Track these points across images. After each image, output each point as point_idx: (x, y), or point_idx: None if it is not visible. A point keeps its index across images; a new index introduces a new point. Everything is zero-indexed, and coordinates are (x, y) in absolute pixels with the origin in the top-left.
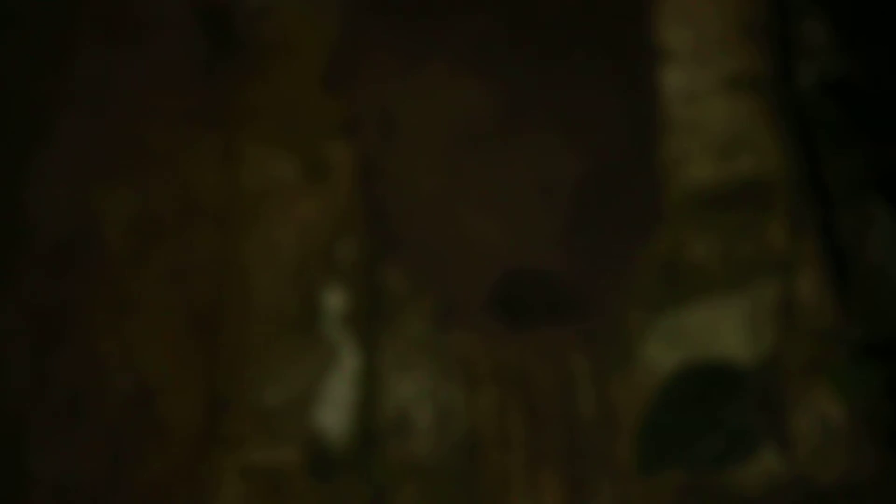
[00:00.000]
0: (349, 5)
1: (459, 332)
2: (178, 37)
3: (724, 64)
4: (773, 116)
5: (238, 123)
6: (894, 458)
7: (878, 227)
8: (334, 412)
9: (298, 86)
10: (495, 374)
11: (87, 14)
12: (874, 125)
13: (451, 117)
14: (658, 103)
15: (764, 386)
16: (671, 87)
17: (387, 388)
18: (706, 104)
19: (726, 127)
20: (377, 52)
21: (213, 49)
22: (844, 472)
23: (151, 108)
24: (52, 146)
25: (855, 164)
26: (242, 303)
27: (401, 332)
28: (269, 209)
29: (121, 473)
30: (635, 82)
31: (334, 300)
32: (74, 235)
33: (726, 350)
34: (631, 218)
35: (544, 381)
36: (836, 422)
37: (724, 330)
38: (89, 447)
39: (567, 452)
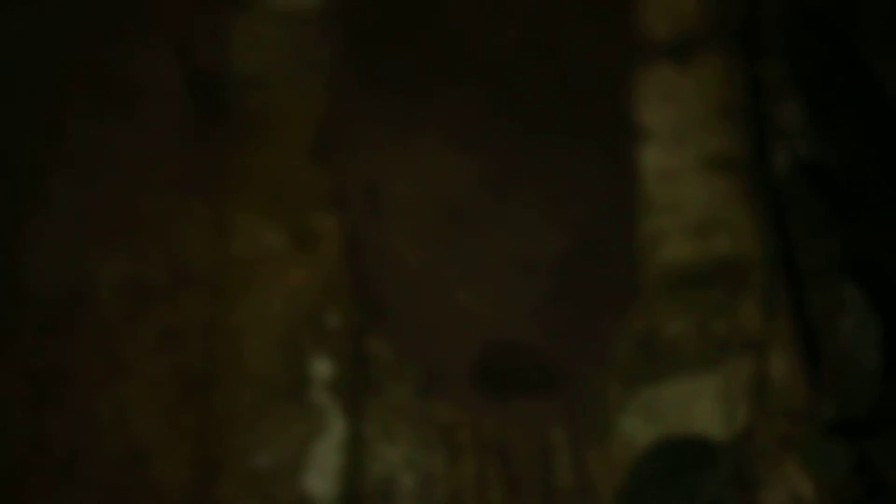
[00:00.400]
0: (338, 78)
1: (441, 402)
2: (168, 104)
3: (702, 144)
4: (749, 197)
5: (228, 192)
6: None
7: (849, 310)
8: (322, 477)
9: (287, 156)
10: (475, 444)
11: (78, 79)
12: (847, 209)
13: (436, 190)
14: (637, 181)
15: (737, 461)
16: (650, 166)
17: (372, 454)
18: (684, 183)
19: (703, 206)
20: (365, 124)
21: (204, 117)
22: None
23: (143, 174)
24: (45, 210)
25: (828, 246)
26: (233, 368)
27: (385, 400)
28: (259, 277)
29: None
30: (615, 159)
31: (322, 368)
32: (68, 298)
33: (700, 425)
34: (609, 293)
35: (523, 451)
36: (806, 498)
37: (698, 406)
38: None
39: None
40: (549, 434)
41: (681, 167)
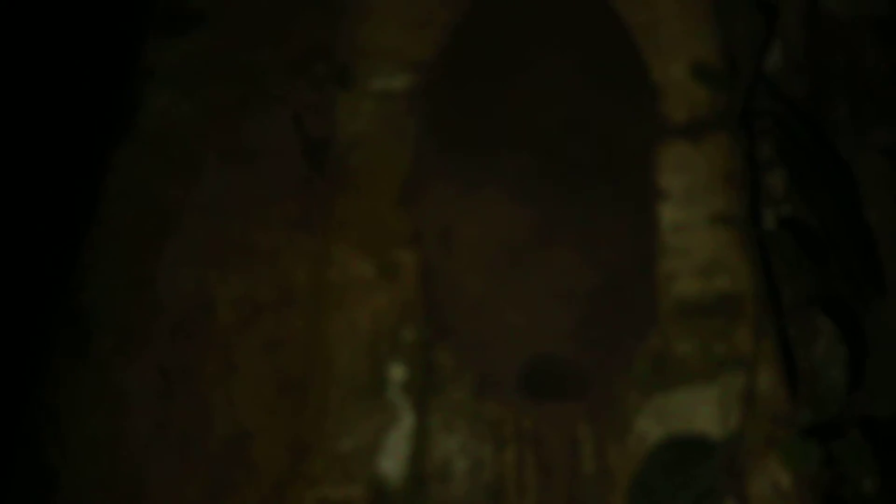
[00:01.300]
0: (420, 143)
1: (491, 402)
2: (284, 160)
3: (709, 203)
4: (744, 245)
5: (328, 230)
6: None
7: (822, 337)
8: (393, 460)
9: (376, 204)
10: (517, 436)
11: (213, 142)
12: (820, 256)
13: (495, 234)
14: (656, 231)
15: (729, 455)
16: (666, 220)
17: (434, 444)
18: (693, 234)
19: (708, 253)
20: (440, 180)
21: (312, 171)
22: None
23: (259, 214)
24: (179, 240)
25: (805, 285)
26: (325, 371)
27: (446, 399)
28: (349, 299)
29: (221, 500)
30: (640, 214)
31: (397, 372)
32: (193, 311)
33: (701, 426)
34: (632, 320)
35: (555, 443)
36: (784, 486)
37: (700, 411)
38: (197, 478)
39: (571, 502)
40: (577, 430)
41: (691, 221)
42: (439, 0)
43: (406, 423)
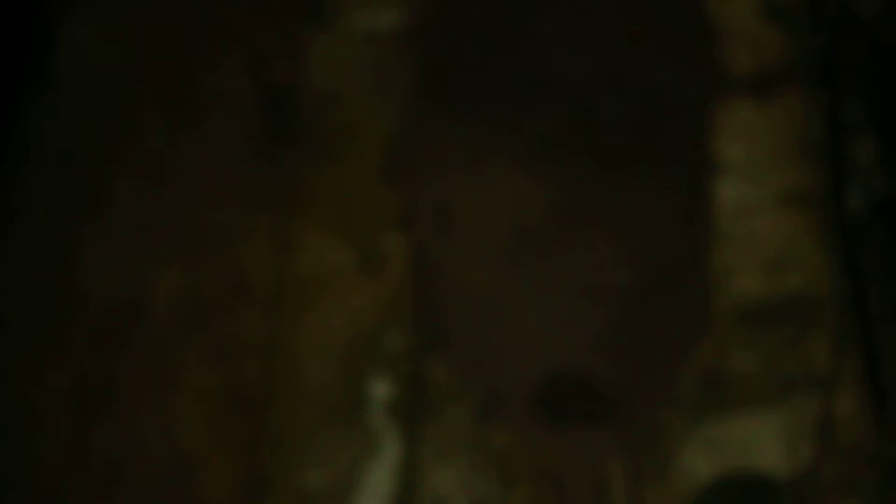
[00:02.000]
0: (412, 101)
1: (499, 428)
2: (239, 118)
3: (778, 180)
4: (823, 234)
5: (295, 208)
6: None
7: None
8: (373, 500)
9: (357, 175)
10: (531, 472)
11: (150, 91)
12: None
13: (506, 216)
14: (711, 215)
15: (800, 499)
16: (725, 200)
17: (425, 479)
18: (758, 218)
19: (776, 242)
20: (437, 147)
21: (275, 133)
22: None
23: (208, 187)
24: (106, 217)
25: None
26: (289, 386)
27: (442, 424)
28: (321, 295)
29: None
30: (690, 192)
31: (380, 389)
32: (122, 309)
33: (763, 462)
34: (677, 326)
35: (578, 483)
36: None
37: (762, 442)
38: None
39: None
40: (605, 466)
41: (756, 202)
42: None
43: (390, 453)
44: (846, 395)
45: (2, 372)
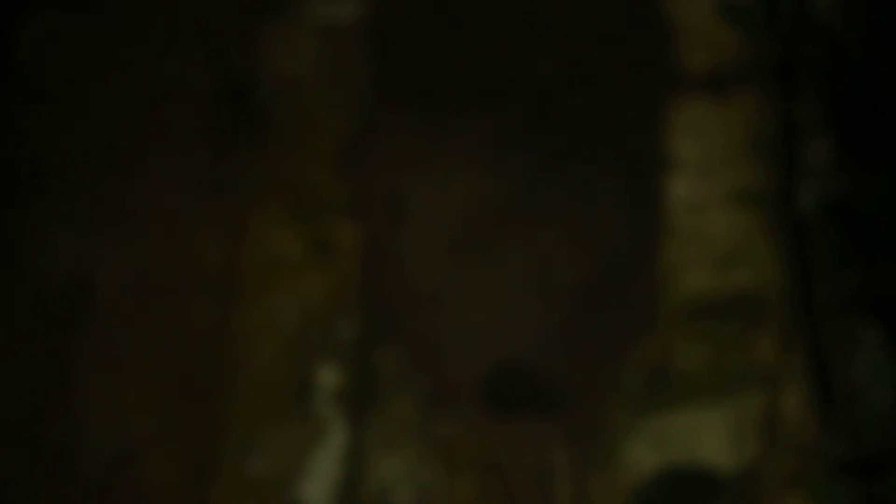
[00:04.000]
0: (371, 89)
1: (445, 418)
2: (195, 107)
3: (729, 177)
4: (773, 232)
5: (248, 196)
6: None
7: (865, 349)
8: (319, 486)
9: (310, 164)
10: (476, 462)
11: (103, 77)
12: (869, 249)
13: (459, 210)
14: (662, 211)
15: (742, 495)
16: (676, 196)
17: (371, 466)
18: (708, 215)
19: (726, 239)
20: (393, 139)
21: (231, 121)
22: None
23: (163, 173)
24: (53, 201)
25: (847, 285)
26: (238, 372)
27: (390, 413)
28: (272, 283)
29: None
30: (642, 189)
31: (328, 377)
32: (69, 293)
33: (707, 457)
34: (624, 321)
35: (523, 473)
36: None
37: (706, 437)
38: None
39: None
40: (551, 457)
41: (707, 199)
42: None
43: (337, 440)
44: (792, 391)
45: None
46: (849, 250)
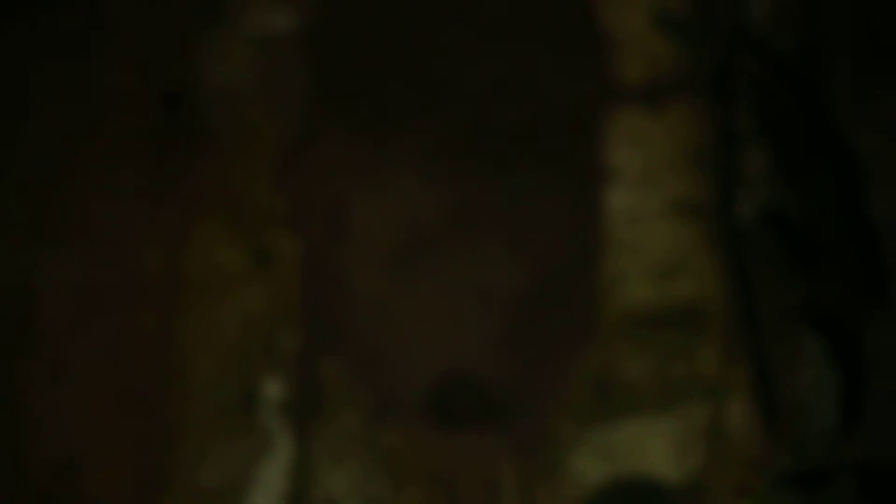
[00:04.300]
0: (307, 102)
1: (391, 430)
2: (134, 116)
3: (669, 188)
4: (713, 243)
5: (187, 205)
6: None
7: (807, 361)
8: (265, 499)
9: (249, 174)
10: (422, 474)
11: (41, 87)
12: (809, 260)
13: (399, 219)
14: (601, 222)
15: None
16: (615, 207)
17: (317, 478)
18: (648, 226)
19: (666, 250)
20: (332, 148)
21: (169, 131)
22: None
23: (99, 181)
24: None
25: (789, 296)
26: (182, 383)
27: (335, 425)
28: (212, 293)
29: None
30: (580, 199)
31: (273, 389)
32: (9, 302)
33: (653, 468)
34: (566, 332)
35: (470, 485)
36: None
37: (652, 448)
38: None
39: None
40: (496, 469)
41: (646, 210)
42: None
43: (283, 452)
44: (736, 402)
45: None
46: (789, 261)
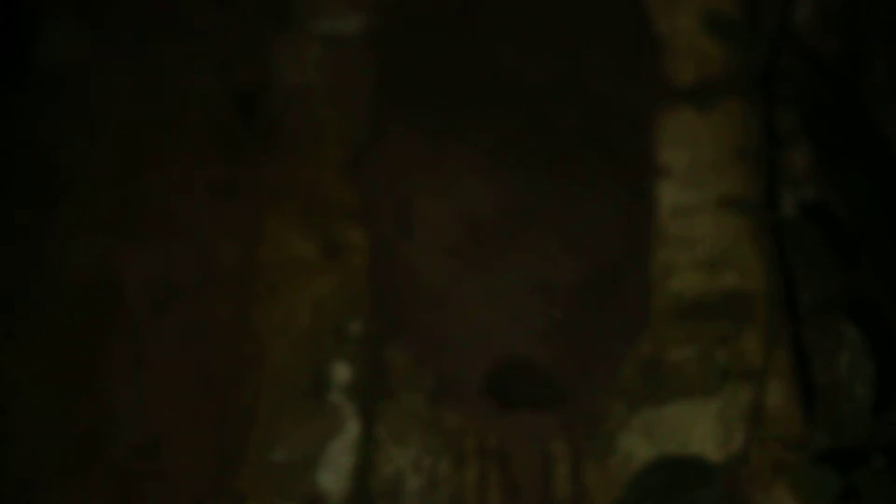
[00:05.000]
0: (374, 99)
1: (450, 410)
2: (211, 116)
3: (716, 185)
4: (757, 236)
5: (262, 200)
6: None
7: (846, 347)
8: (335, 475)
9: (321, 170)
10: (480, 451)
11: (122, 85)
12: (849, 252)
13: (461, 213)
14: (653, 216)
15: (730, 482)
16: (666, 203)
17: (383, 455)
18: (697, 221)
19: (713, 243)
20: (397, 144)
21: (244, 130)
22: None
23: (178, 178)
24: (79, 204)
25: (829, 286)
26: (255, 368)
27: (398, 406)
28: (286, 284)
29: None
30: (634, 195)
31: (340, 372)
32: (95, 291)
33: (698, 447)
34: (619, 321)
35: (524, 461)
36: None
37: (697, 428)
38: (100, 492)
39: None
40: (550, 446)
41: (695, 205)
42: None
43: (350, 431)
44: (776, 386)
45: None
46: (829, 253)
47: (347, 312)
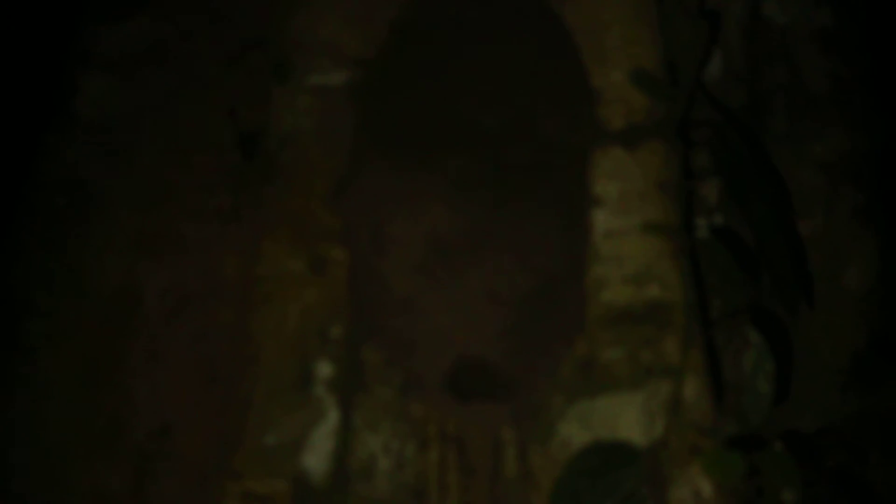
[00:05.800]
0: (355, 141)
1: (416, 402)
2: (217, 152)
3: (642, 212)
4: (676, 255)
5: (259, 224)
6: None
7: (751, 348)
8: (317, 456)
9: (309, 199)
10: (440, 436)
11: (147, 130)
12: (752, 268)
13: (427, 235)
14: (588, 238)
15: (653, 462)
16: (599, 226)
17: (358, 440)
18: (625, 241)
19: (639, 261)
20: (373, 179)
21: (246, 165)
22: None
23: (190, 205)
24: (107, 228)
25: (735, 297)
26: (251, 365)
27: (372, 398)
28: (278, 294)
29: (144, 491)
30: (573, 220)
31: (323, 369)
32: (120, 300)
33: (626, 433)
34: (560, 325)
35: (478, 445)
36: (706, 495)
37: (625, 418)
38: (120, 469)
39: (492, 502)
40: (500, 432)
41: (624, 228)
42: None
43: (331, 419)
44: (691, 382)
45: (25, 350)
46: (736, 270)
47: (330, 318)
